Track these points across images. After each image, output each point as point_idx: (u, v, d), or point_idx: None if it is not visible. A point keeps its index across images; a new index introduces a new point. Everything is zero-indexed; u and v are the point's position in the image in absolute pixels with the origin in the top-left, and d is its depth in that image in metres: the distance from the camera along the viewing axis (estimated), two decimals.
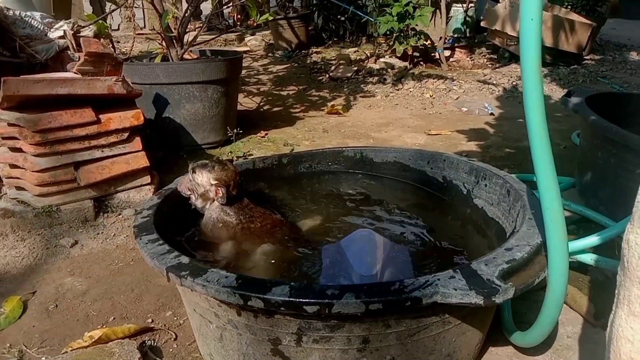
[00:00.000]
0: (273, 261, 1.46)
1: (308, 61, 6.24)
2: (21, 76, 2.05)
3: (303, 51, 6.73)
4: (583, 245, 1.41)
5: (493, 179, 1.54)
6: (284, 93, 4.80)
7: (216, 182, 1.57)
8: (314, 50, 6.74)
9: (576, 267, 1.53)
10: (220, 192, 1.56)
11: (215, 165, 1.60)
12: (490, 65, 5.53)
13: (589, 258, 1.50)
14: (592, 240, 1.39)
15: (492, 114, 3.91)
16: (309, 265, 1.44)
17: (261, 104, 4.41)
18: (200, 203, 1.62)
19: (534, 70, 0.87)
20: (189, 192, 1.61)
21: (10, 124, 2.04)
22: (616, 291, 0.74)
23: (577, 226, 1.85)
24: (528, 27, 0.85)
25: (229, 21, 9.10)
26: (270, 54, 6.95)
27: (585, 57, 5.55)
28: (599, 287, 1.49)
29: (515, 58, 5.50)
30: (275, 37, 7.05)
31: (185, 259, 1.08)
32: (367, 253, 1.41)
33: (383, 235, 1.52)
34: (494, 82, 4.79)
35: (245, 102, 4.39)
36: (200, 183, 1.58)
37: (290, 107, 4.26)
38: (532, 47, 0.86)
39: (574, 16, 5.26)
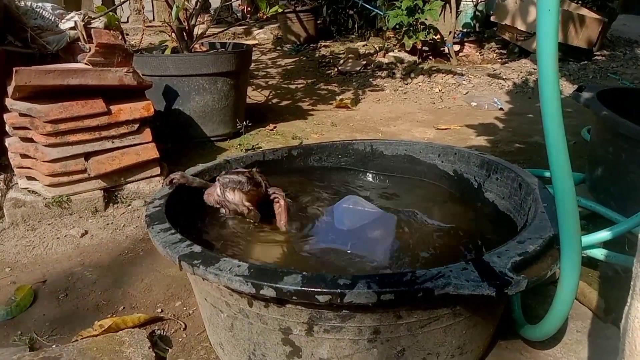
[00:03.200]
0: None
1: (317, 55, 6.23)
2: (33, 67, 2.06)
3: (311, 45, 6.71)
4: (594, 240, 1.40)
5: (504, 172, 1.53)
6: (293, 86, 4.80)
7: (249, 203, 1.53)
8: (323, 44, 6.72)
9: (586, 262, 1.53)
10: (254, 216, 1.52)
11: (246, 185, 1.52)
12: (499, 60, 5.50)
13: (599, 253, 1.49)
14: (603, 235, 1.38)
15: (501, 109, 3.89)
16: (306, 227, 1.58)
17: (270, 97, 4.41)
18: (232, 215, 1.58)
19: (551, 62, 0.86)
20: (218, 206, 1.57)
21: (21, 114, 2.05)
22: (632, 283, 0.73)
23: (587, 222, 1.84)
24: (545, 19, 0.84)
25: (238, 14, 9.10)
26: (278, 48, 6.94)
27: (596, 53, 5.50)
28: (609, 282, 1.48)
29: (524, 53, 5.47)
30: (283, 31, 7.04)
31: (197, 248, 1.08)
32: (350, 213, 1.55)
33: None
34: (504, 77, 4.77)
35: (254, 96, 4.39)
36: (231, 201, 1.53)
37: (298, 101, 4.26)
38: (549, 39, 0.85)
39: (585, 11, 5.21)
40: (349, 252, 1.42)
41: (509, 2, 5.42)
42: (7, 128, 2.16)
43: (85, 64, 2.18)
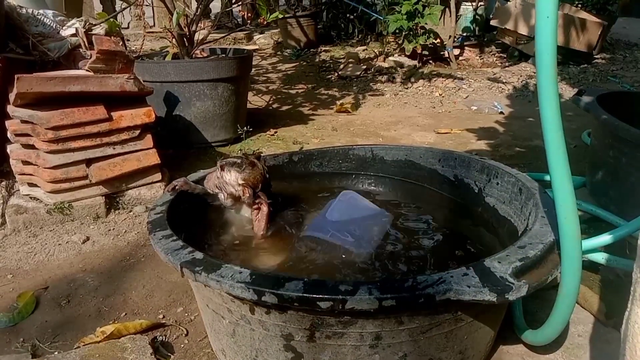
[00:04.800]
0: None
1: (317, 60, 6.24)
2: (34, 74, 2.06)
3: (312, 50, 6.72)
4: (595, 244, 1.40)
5: (505, 177, 1.53)
6: (293, 91, 4.80)
7: (244, 182, 1.53)
8: (323, 48, 6.73)
9: (587, 266, 1.53)
10: (248, 193, 1.52)
11: (244, 165, 1.55)
12: (499, 64, 5.51)
13: (600, 257, 1.49)
14: (604, 239, 1.39)
15: (501, 112, 3.90)
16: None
17: (270, 102, 4.42)
18: (230, 202, 1.58)
19: (550, 68, 0.87)
20: (217, 190, 1.57)
21: (23, 121, 2.06)
22: (632, 288, 0.73)
23: (588, 225, 1.84)
24: (544, 25, 0.85)
25: (238, 20, 9.12)
26: (279, 53, 6.95)
27: (596, 56, 5.51)
28: (610, 286, 1.49)
29: (524, 57, 5.48)
30: (284, 36, 7.05)
31: (199, 255, 1.09)
32: (344, 206, 1.59)
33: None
34: (504, 80, 4.78)
35: (255, 101, 4.40)
36: (228, 181, 1.54)
37: (299, 106, 4.27)
38: (547, 45, 0.86)
39: (585, 15, 5.23)
40: (329, 241, 1.43)
41: (509, 6, 5.43)
42: (8, 135, 2.17)
43: (87, 70, 2.19)
